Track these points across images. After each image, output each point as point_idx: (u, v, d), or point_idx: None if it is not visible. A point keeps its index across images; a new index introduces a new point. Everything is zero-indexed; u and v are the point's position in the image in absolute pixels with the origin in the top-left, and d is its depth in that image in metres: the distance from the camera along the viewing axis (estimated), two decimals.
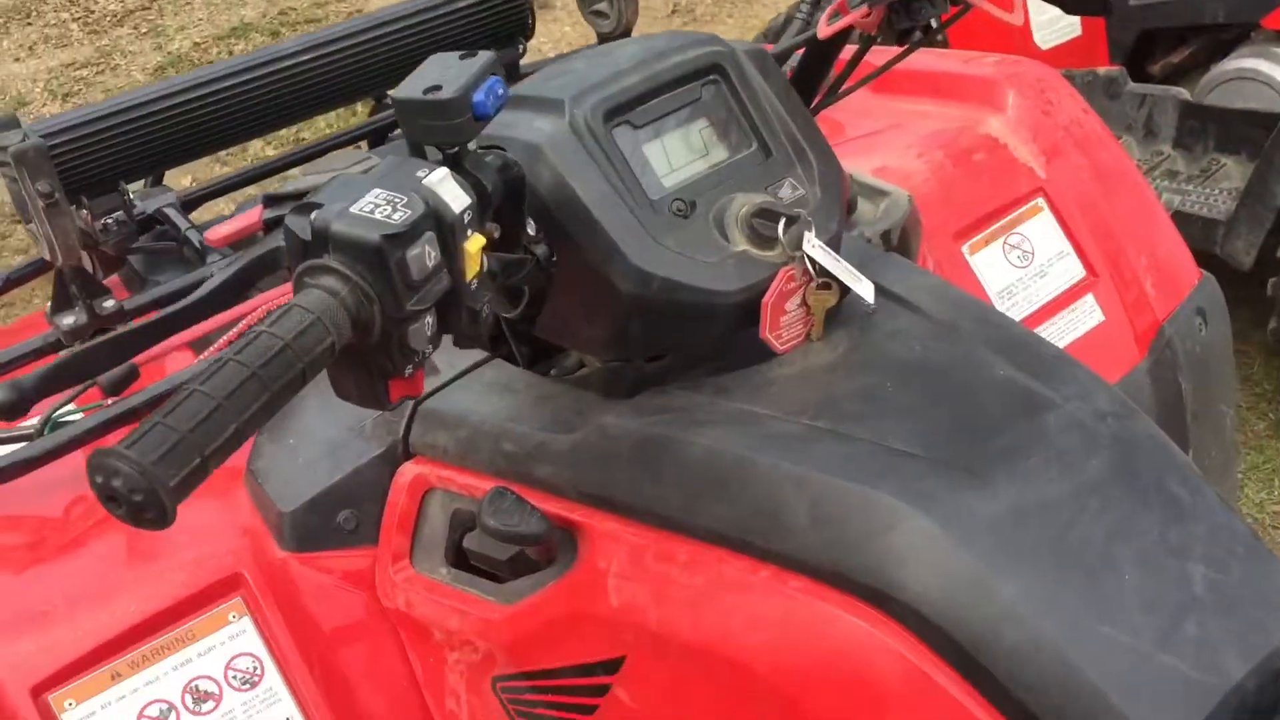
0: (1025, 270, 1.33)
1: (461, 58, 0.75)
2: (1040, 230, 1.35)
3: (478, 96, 0.73)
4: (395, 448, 1.00)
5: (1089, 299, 1.34)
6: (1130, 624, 0.73)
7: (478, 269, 0.72)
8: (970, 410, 0.84)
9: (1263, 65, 2.56)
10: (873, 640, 0.75)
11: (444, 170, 0.70)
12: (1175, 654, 0.72)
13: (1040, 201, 1.35)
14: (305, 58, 1.43)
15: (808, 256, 0.88)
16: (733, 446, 0.83)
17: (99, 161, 1.27)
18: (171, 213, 1.42)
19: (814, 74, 1.06)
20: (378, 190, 0.68)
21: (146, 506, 0.57)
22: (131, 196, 1.41)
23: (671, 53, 0.92)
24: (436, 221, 0.68)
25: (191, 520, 1.00)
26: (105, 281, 1.36)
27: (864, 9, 0.94)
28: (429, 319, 0.69)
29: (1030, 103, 1.40)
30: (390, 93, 0.74)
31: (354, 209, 0.67)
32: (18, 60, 5.50)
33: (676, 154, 0.91)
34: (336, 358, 0.67)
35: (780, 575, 0.79)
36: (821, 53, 1.03)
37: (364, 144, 1.66)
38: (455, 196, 0.70)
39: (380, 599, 0.99)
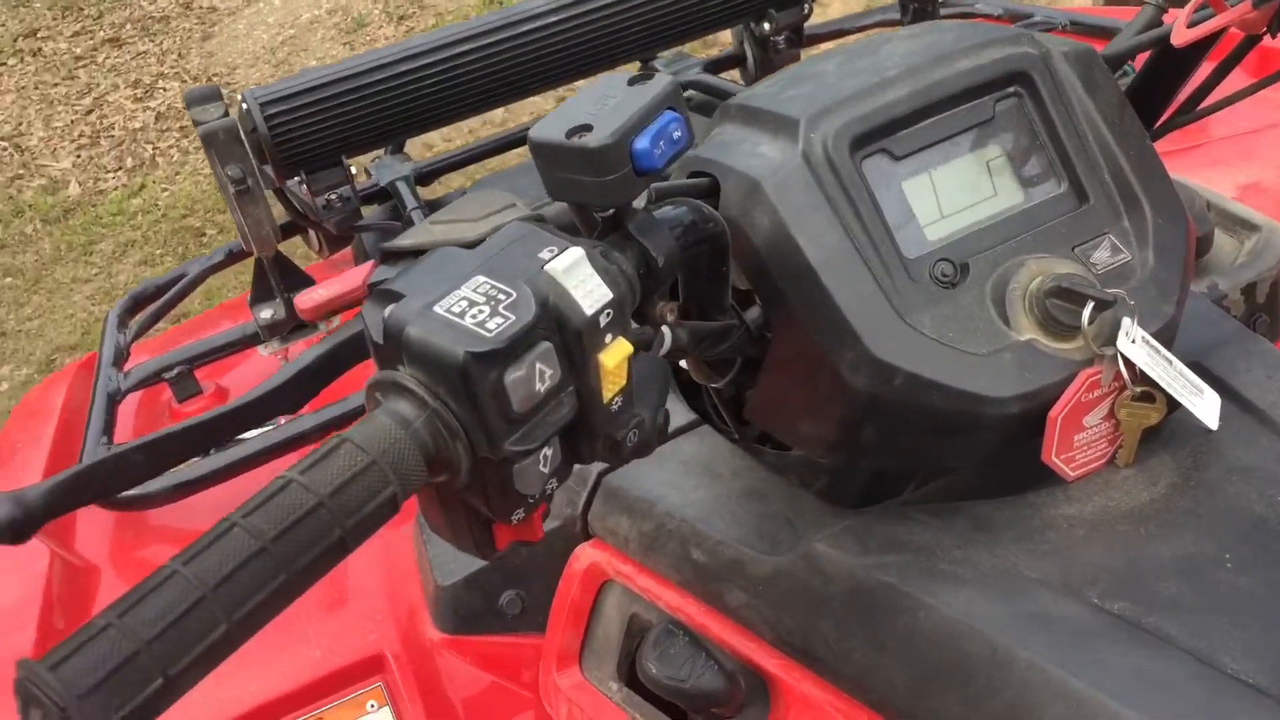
0: None
1: (631, 82, 0.54)
2: None
3: (640, 143, 0.52)
4: (573, 524, 0.83)
5: None
6: None
7: (623, 383, 0.51)
8: None
9: None
10: None
11: (576, 253, 0.50)
12: None
13: None
14: (559, 17, 1.25)
15: (1123, 356, 0.63)
16: (984, 623, 0.60)
17: (319, 134, 1.15)
18: (402, 187, 1.29)
19: (1163, 87, 0.77)
20: (480, 279, 0.49)
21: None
22: (366, 166, 1.30)
23: (957, 55, 0.68)
24: (558, 328, 0.49)
25: (348, 588, 0.86)
26: (335, 258, 1.25)
27: (1246, 4, 0.65)
28: (547, 452, 0.50)
29: None
30: (530, 133, 0.54)
31: (439, 307, 0.48)
32: None
33: (951, 195, 0.67)
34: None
35: None
36: (1176, 60, 0.75)
37: None
38: (589, 291, 0.49)
39: (542, 699, 0.82)
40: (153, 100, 4.89)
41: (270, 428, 0.94)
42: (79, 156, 4.59)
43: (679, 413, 0.82)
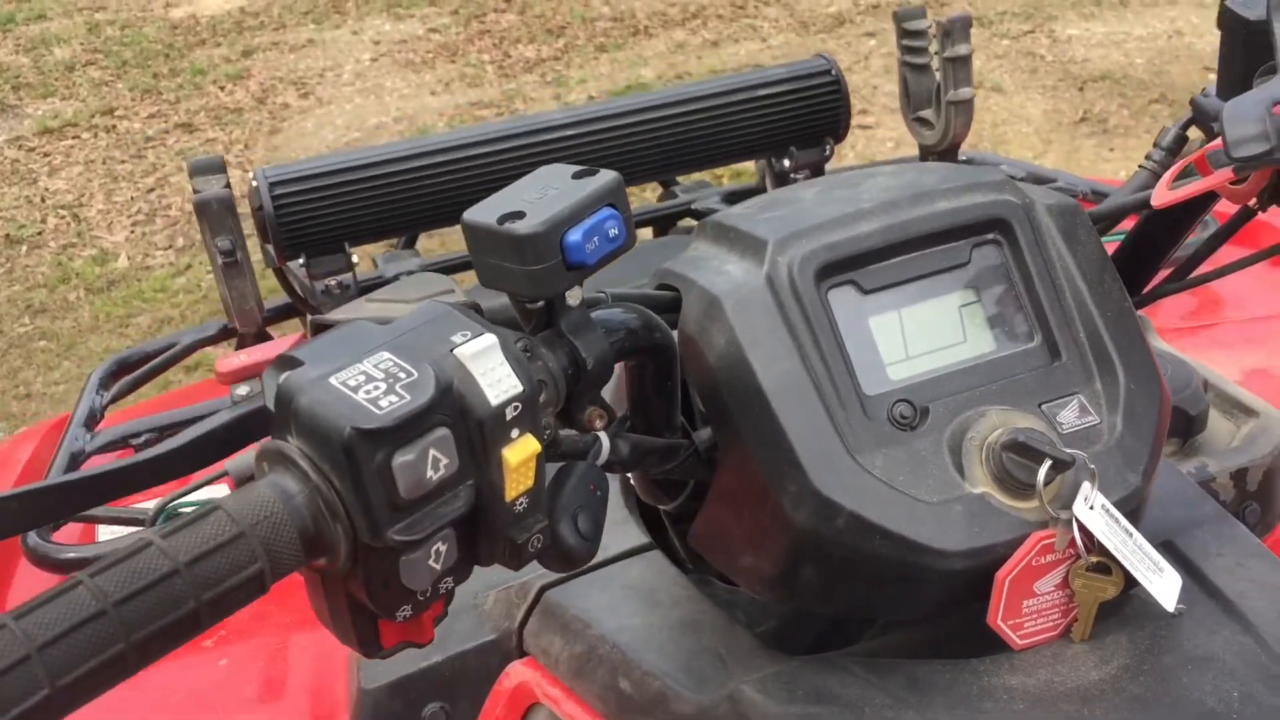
0: None
1: (575, 175, 0.53)
2: None
3: (573, 236, 0.51)
4: (509, 639, 0.79)
5: None
6: None
7: (529, 485, 0.49)
8: None
9: None
10: None
11: (489, 339, 0.48)
12: None
13: None
14: (576, 131, 1.26)
15: (1079, 521, 0.59)
16: None
17: (325, 219, 1.15)
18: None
19: (1151, 251, 0.75)
20: (384, 355, 0.47)
21: None
22: (376, 257, 1.30)
23: (939, 195, 0.66)
24: (458, 414, 0.46)
25: (273, 661, 0.83)
26: None
27: (1227, 171, 0.63)
28: (440, 547, 0.47)
29: None
30: (464, 216, 0.52)
31: (335, 379, 0.46)
32: (434, 94, 5.84)
33: (919, 336, 0.64)
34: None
35: None
36: (1166, 225, 0.73)
37: (649, 230, 1.48)
38: (497, 380, 0.47)
39: None
40: None
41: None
42: (132, 231, 4.68)
43: (632, 534, 0.79)
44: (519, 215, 0.51)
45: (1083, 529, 0.59)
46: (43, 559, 0.91)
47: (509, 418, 0.48)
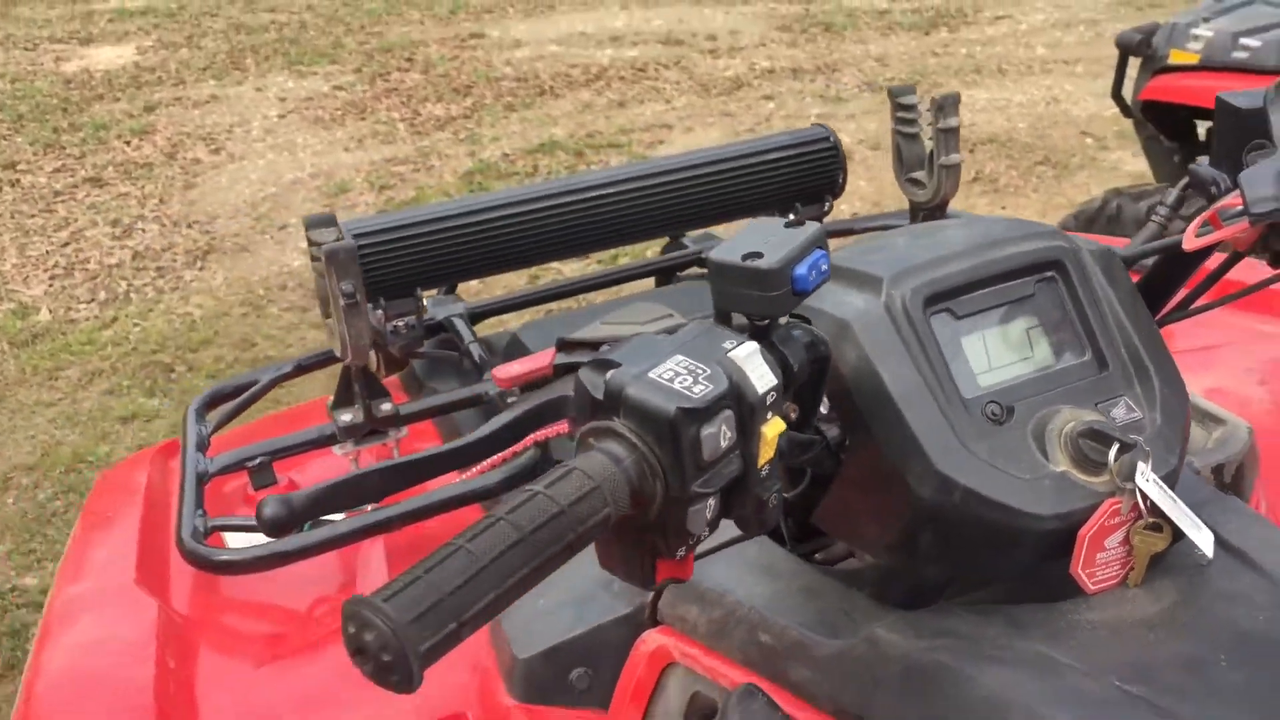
0: None
1: (786, 225, 0.70)
2: None
3: (799, 270, 0.67)
4: (642, 611, 0.94)
5: None
6: None
7: (771, 455, 0.65)
8: None
9: None
10: None
11: (753, 345, 0.65)
12: None
13: None
14: (608, 190, 1.43)
15: (1140, 490, 0.77)
16: (1026, 695, 0.72)
17: (402, 266, 1.29)
18: (459, 323, 1.43)
19: (1167, 284, 0.95)
20: (680, 357, 0.63)
21: (394, 668, 0.53)
22: (425, 302, 1.43)
23: (1008, 242, 0.84)
24: (737, 400, 0.62)
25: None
26: (384, 381, 1.37)
27: (1241, 224, 0.84)
28: (712, 502, 0.63)
29: None
30: (708, 255, 0.68)
31: (653, 374, 0.61)
32: (347, 150, 5.94)
33: (998, 352, 0.82)
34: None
35: None
36: (1180, 263, 0.93)
37: (656, 280, 1.64)
38: (762, 375, 0.63)
39: None
40: (130, 239, 5.01)
41: (339, 517, 1.05)
42: (51, 285, 4.67)
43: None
44: (758, 255, 0.67)
45: (1142, 496, 0.77)
46: (200, 560, 1.02)
47: (769, 403, 0.64)
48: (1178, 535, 0.79)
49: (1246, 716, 0.69)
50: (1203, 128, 3.18)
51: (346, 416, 1.20)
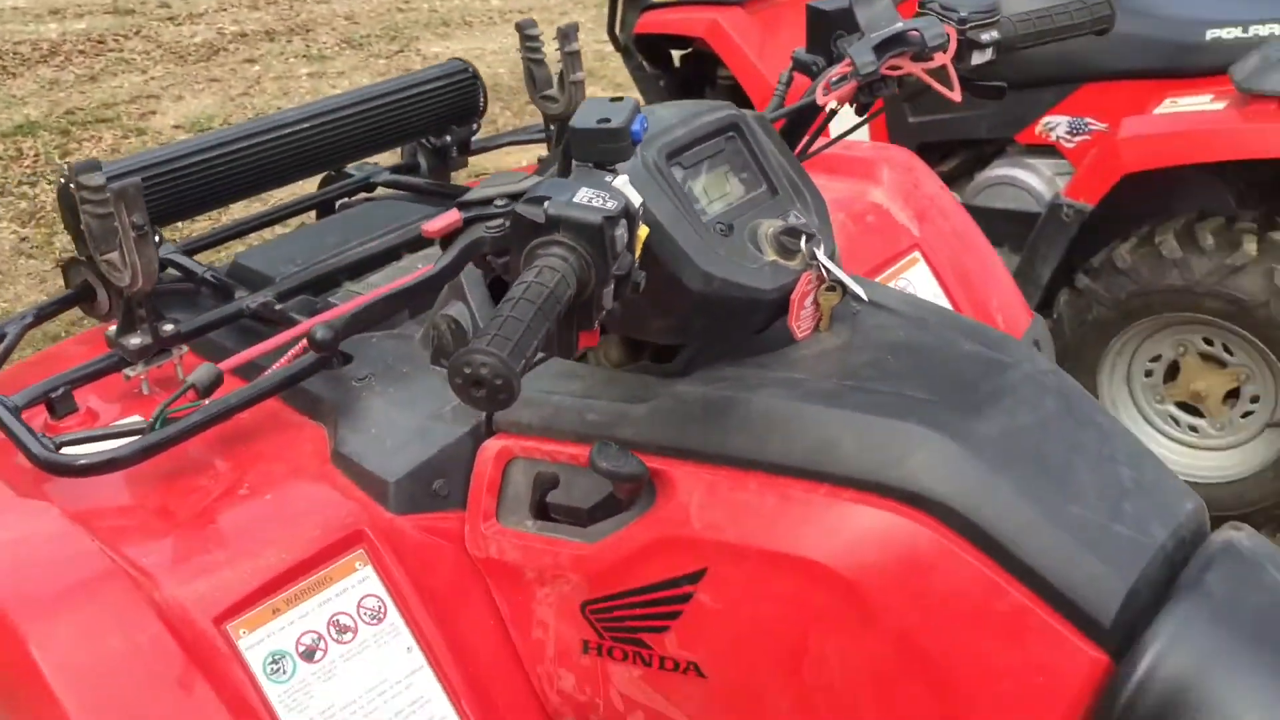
0: None
1: (611, 100, 1.01)
2: (919, 277, 1.70)
3: (635, 126, 0.99)
4: (479, 428, 1.22)
5: None
6: (1090, 506, 1.04)
7: (639, 251, 0.97)
8: (953, 372, 1.14)
9: (1018, 173, 3.08)
10: (914, 531, 1.02)
11: (625, 176, 0.96)
12: (1121, 524, 1.03)
13: (917, 254, 1.71)
14: (290, 129, 1.63)
15: (821, 264, 1.17)
16: (786, 400, 1.10)
17: (160, 202, 1.45)
18: (180, 258, 1.58)
19: (796, 135, 1.37)
20: (584, 189, 0.93)
21: (503, 389, 0.79)
22: None
23: (700, 114, 1.21)
24: (626, 211, 0.93)
25: (309, 493, 1.19)
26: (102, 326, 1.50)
27: (851, 85, 1.26)
28: (613, 286, 0.94)
29: (901, 177, 1.77)
30: (573, 123, 0.98)
31: (577, 199, 0.91)
32: None
33: (711, 189, 1.18)
34: None
35: (835, 491, 1.06)
36: (803, 120, 1.35)
37: (318, 212, 1.86)
38: (633, 194, 0.95)
39: (469, 551, 1.19)
40: None
41: (205, 402, 1.22)
42: None
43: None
44: (606, 120, 0.97)
45: (822, 268, 1.17)
46: (72, 469, 1.15)
47: (640, 216, 0.95)
48: (845, 293, 1.20)
49: (914, 382, 1.11)
50: (676, 55, 3.79)
51: (135, 340, 1.34)
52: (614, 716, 1.17)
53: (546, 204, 0.91)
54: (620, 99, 1.02)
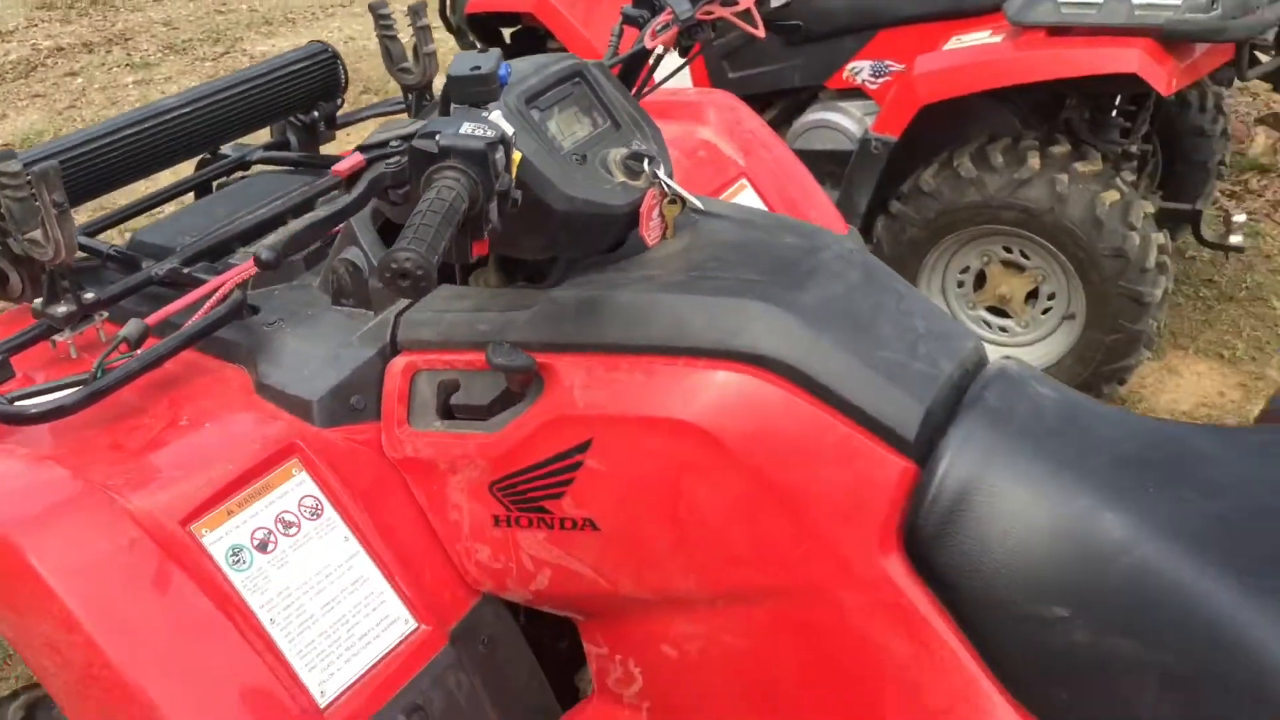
0: None
1: (479, 52, 1.22)
2: (747, 200, 1.94)
3: (501, 71, 1.20)
4: (385, 348, 1.41)
5: None
6: (893, 350, 1.29)
7: (516, 172, 1.18)
8: (777, 258, 1.38)
9: (831, 116, 3.38)
10: (758, 385, 1.26)
11: (499, 113, 1.17)
12: (918, 362, 1.29)
13: (744, 181, 1.95)
14: (174, 113, 1.79)
15: (663, 182, 1.40)
16: (644, 293, 1.32)
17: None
18: (83, 239, 1.72)
19: (634, 75, 1.60)
20: (467, 123, 1.13)
21: (424, 278, 0.99)
22: None
23: (552, 64, 1.42)
24: (501, 138, 1.14)
25: (243, 419, 1.37)
26: (23, 306, 1.64)
27: (673, 30, 1.49)
28: (496, 201, 1.15)
29: (725, 116, 2.01)
30: (450, 72, 1.18)
31: (463, 131, 1.11)
32: None
33: (564, 127, 1.40)
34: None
35: (691, 361, 1.28)
36: (636, 64, 1.58)
37: (196, 192, 2.01)
38: (507, 126, 1.16)
39: (388, 453, 1.39)
40: None
41: (134, 355, 1.38)
42: None
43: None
44: (478, 68, 1.17)
45: (665, 185, 1.40)
46: (24, 417, 1.30)
47: (515, 143, 1.16)
48: (684, 205, 1.43)
49: (748, 269, 1.35)
50: (507, 32, 3.98)
51: (62, 309, 1.49)
52: (525, 577, 1.38)
53: (438, 137, 1.12)
54: (486, 50, 1.22)
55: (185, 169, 2.02)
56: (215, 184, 2.00)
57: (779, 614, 1.28)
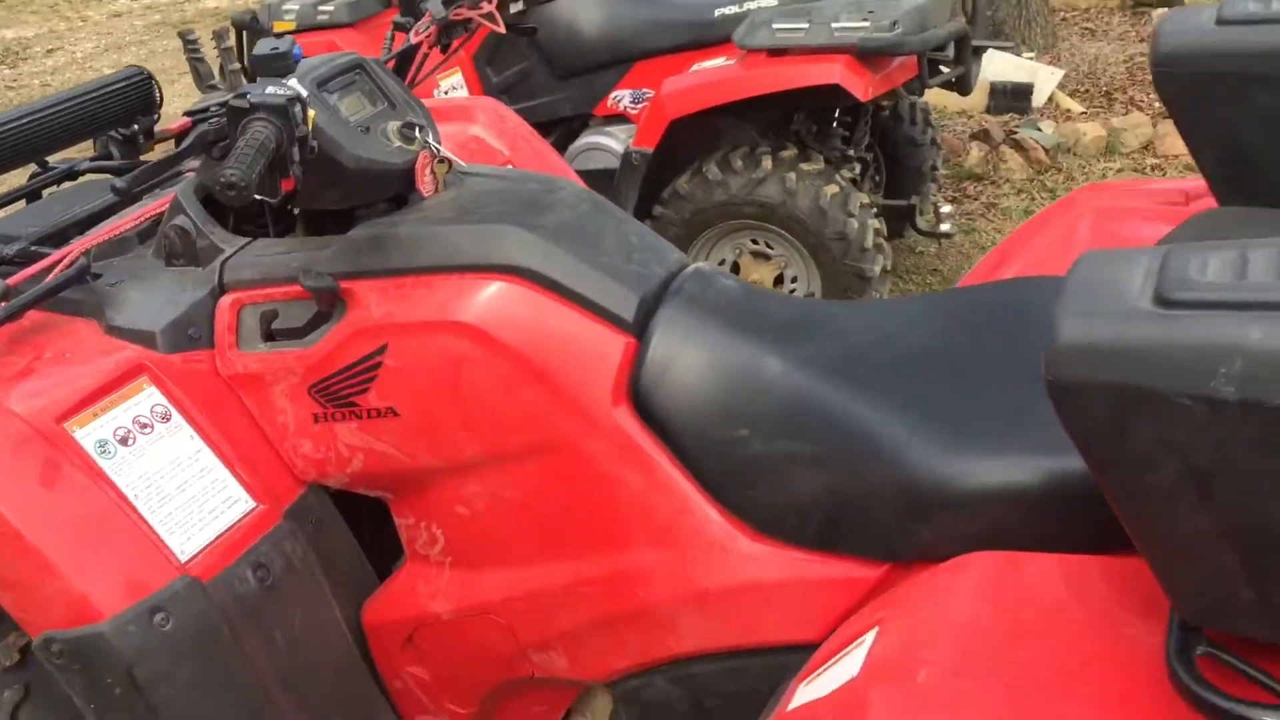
0: None
1: (277, 37, 1.58)
2: None
3: (296, 52, 1.56)
4: (214, 289, 1.74)
5: None
6: (614, 257, 1.69)
7: (311, 127, 1.54)
8: (526, 199, 1.78)
9: (599, 139, 3.84)
10: (513, 289, 1.64)
11: (294, 80, 1.53)
12: (634, 265, 1.70)
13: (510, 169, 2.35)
14: (20, 121, 2.08)
15: (433, 146, 1.79)
16: (422, 227, 1.70)
17: None
18: None
19: (406, 68, 1.98)
20: (271, 87, 1.49)
21: (244, 191, 1.34)
22: None
23: (336, 59, 1.80)
24: (298, 97, 1.50)
25: (99, 349, 1.68)
26: None
27: (433, 28, 1.89)
28: (297, 145, 1.51)
29: (491, 116, 2.41)
30: (253, 52, 1.54)
31: (268, 90, 1.47)
32: None
33: (350, 107, 1.77)
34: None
35: (461, 275, 1.66)
36: (411, 56, 1.96)
37: (27, 198, 2.29)
38: (302, 89, 1.52)
39: (221, 373, 1.71)
40: None
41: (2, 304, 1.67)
42: None
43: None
44: (277, 48, 1.53)
45: (435, 149, 1.78)
46: None
47: (307, 100, 1.52)
48: (451, 165, 1.81)
49: (500, 207, 1.73)
50: None
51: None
52: (342, 462, 1.72)
53: (249, 96, 1.47)
54: (282, 36, 1.59)
55: (14, 179, 2.29)
56: (45, 192, 2.28)
57: (543, 466, 1.66)
